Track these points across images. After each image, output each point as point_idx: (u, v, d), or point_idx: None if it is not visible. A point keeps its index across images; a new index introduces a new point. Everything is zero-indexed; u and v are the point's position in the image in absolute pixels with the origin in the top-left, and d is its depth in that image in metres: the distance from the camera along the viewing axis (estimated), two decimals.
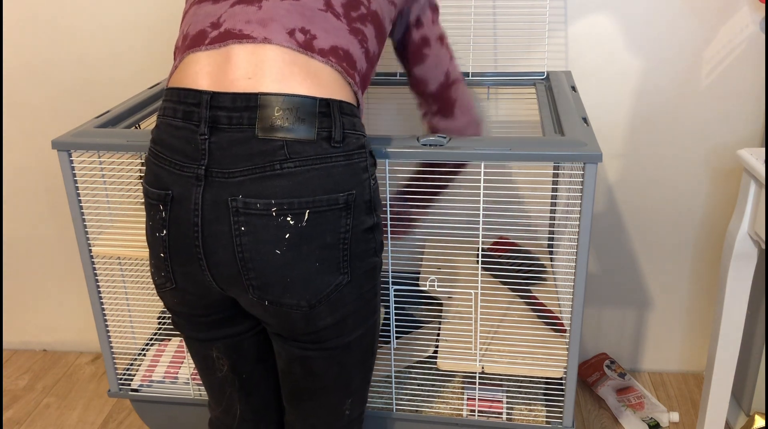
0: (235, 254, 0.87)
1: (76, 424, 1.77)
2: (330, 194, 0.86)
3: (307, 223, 0.86)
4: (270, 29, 0.87)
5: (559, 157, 1.04)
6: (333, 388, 1.01)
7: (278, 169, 0.84)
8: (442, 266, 1.51)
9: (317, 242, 0.87)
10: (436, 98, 1.19)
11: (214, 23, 0.90)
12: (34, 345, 2.10)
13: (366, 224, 0.92)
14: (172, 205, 0.89)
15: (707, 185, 1.65)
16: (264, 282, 0.88)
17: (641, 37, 1.53)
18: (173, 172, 0.88)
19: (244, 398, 1.10)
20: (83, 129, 1.21)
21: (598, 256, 1.76)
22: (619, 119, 1.61)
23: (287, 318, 0.92)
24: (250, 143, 0.84)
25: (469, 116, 1.22)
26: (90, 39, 1.68)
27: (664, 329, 1.82)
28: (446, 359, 1.26)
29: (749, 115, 1.57)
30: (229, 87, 0.86)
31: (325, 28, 0.90)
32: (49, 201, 1.88)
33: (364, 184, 0.90)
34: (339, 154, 0.87)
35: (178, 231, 0.89)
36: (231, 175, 0.85)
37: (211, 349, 1.04)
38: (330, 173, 0.86)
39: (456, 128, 1.21)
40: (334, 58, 0.89)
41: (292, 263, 0.87)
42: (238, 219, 0.85)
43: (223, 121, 0.85)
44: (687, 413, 1.71)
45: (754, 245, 1.29)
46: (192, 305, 0.98)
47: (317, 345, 0.95)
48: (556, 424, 1.27)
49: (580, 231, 1.07)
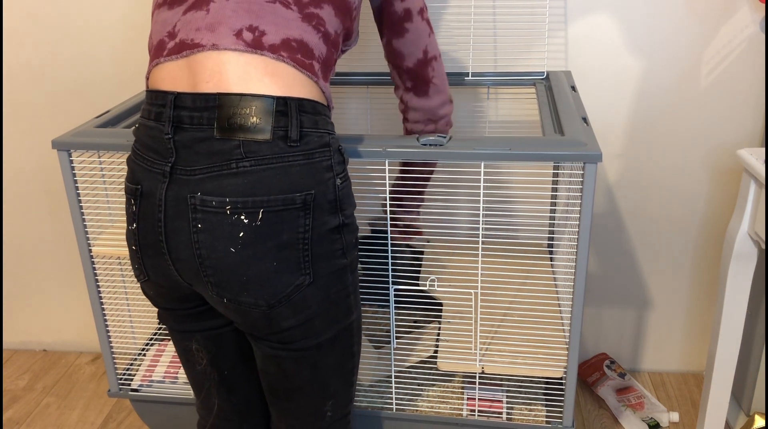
0: (193, 251, 0.88)
1: (76, 424, 1.77)
2: (286, 194, 0.86)
3: (262, 222, 0.86)
4: (218, 34, 0.88)
5: (559, 157, 1.04)
6: (309, 389, 1.00)
7: (234, 168, 0.85)
8: (442, 266, 1.51)
9: (273, 242, 0.87)
10: (411, 75, 1.17)
11: (170, 33, 0.92)
12: (34, 345, 2.10)
13: (330, 224, 0.91)
14: (141, 199, 0.91)
15: (707, 185, 1.65)
16: (221, 279, 0.89)
17: (641, 37, 1.53)
18: (145, 167, 0.91)
19: (225, 396, 1.10)
20: (83, 129, 1.21)
21: (598, 256, 1.76)
22: (619, 119, 1.61)
23: (248, 316, 0.92)
24: (210, 142, 0.86)
25: (443, 96, 1.21)
26: (90, 39, 1.68)
27: (664, 329, 1.82)
28: (446, 359, 1.26)
29: (749, 115, 1.58)
30: (193, 88, 0.88)
31: (275, 21, 0.89)
32: (49, 201, 1.88)
33: (326, 183, 0.89)
34: (297, 153, 0.87)
35: (146, 225, 0.92)
36: (192, 172, 0.87)
37: (190, 341, 1.05)
38: (287, 172, 0.86)
39: (429, 107, 1.20)
40: (285, 52, 0.88)
41: (248, 262, 0.87)
42: (196, 216, 0.87)
43: (186, 121, 0.87)
44: (687, 413, 1.71)
45: (754, 245, 1.29)
46: (167, 297, 1.00)
47: (285, 345, 0.95)
48: (556, 424, 1.27)
49: (580, 231, 1.07)
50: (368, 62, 1.60)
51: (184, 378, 1.42)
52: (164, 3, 0.95)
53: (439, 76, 1.18)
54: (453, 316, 1.37)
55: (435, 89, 1.18)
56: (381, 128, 1.67)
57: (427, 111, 1.20)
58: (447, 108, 1.22)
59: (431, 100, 1.19)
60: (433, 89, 1.18)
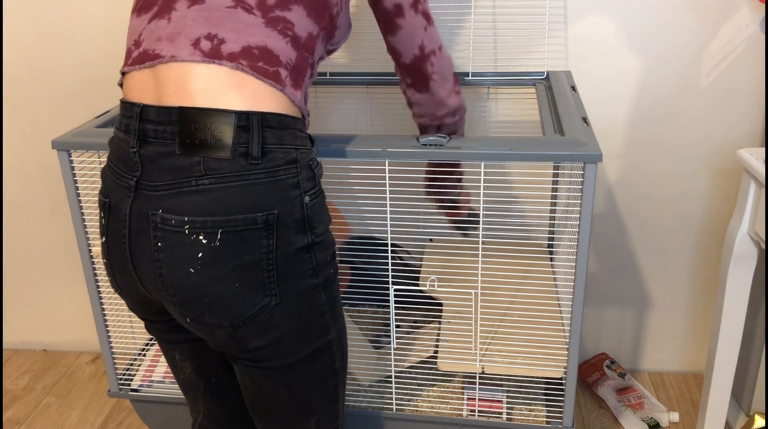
0: (155, 269, 0.86)
1: (76, 424, 1.77)
2: (246, 214, 0.82)
3: (221, 243, 0.83)
4: (176, 44, 0.84)
5: (559, 157, 1.04)
6: (287, 407, 0.97)
7: (194, 185, 0.82)
8: (442, 266, 1.51)
9: (234, 263, 0.84)
10: (409, 72, 1.13)
11: (136, 41, 0.89)
12: (34, 345, 2.10)
13: (297, 244, 0.86)
14: (109, 213, 0.89)
15: (707, 185, 1.65)
16: (182, 299, 0.86)
17: (641, 37, 1.53)
18: (114, 180, 0.88)
19: (214, 401, 1.08)
20: (83, 129, 1.21)
21: (598, 256, 1.76)
22: (619, 119, 1.61)
23: (213, 336, 0.90)
24: (172, 157, 0.83)
25: (446, 89, 1.16)
26: (90, 39, 1.68)
27: (664, 329, 1.82)
28: (446, 359, 1.26)
29: (749, 115, 1.57)
30: (158, 101, 0.85)
31: (235, 28, 0.84)
32: (49, 201, 1.88)
33: (292, 201, 0.85)
34: (259, 171, 0.83)
35: (113, 239, 0.89)
36: (155, 188, 0.84)
37: (174, 351, 1.04)
38: (248, 191, 0.82)
39: (433, 102, 1.16)
40: (246, 60, 0.83)
41: (208, 283, 0.84)
42: (156, 234, 0.84)
43: (151, 134, 0.84)
44: (687, 413, 1.71)
45: (754, 245, 1.29)
46: (142, 310, 0.98)
47: (257, 364, 0.92)
48: (556, 424, 1.27)
49: (580, 231, 1.07)
50: (368, 62, 1.60)
51: None
52: (135, 9, 0.92)
53: (439, 71, 1.13)
54: (453, 316, 1.37)
55: (436, 85, 1.15)
56: (381, 128, 1.67)
57: (430, 105, 1.17)
58: (451, 101, 1.18)
59: (434, 95, 1.16)
60: (434, 85, 1.14)
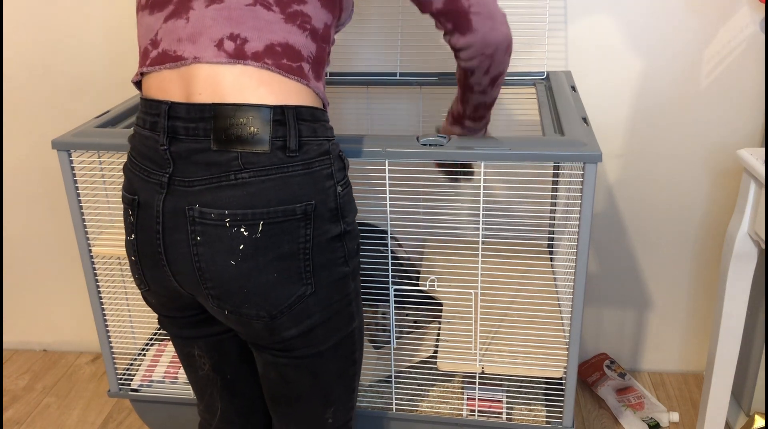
0: (193, 264, 0.87)
1: (76, 424, 1.77)
2: (286, 205, 0.84)
3: (262, 234, 0.85)
4: (199, 45, 0.85)
5: (559, 157, 1.04)
6: (310, 396, 0.99)
7: (233, 179, 0.84)
8: (442, 266, 1.51)
9: (274, 253, 0.86)
10: (446, 15, 1.01)
11: (153, 41, 0.89)
12: (34, 345, 2.10)
13: (331, 233, 0.89)
14: (139, 210, 0.90)
15: (707, 185, 1.65)
16: (222, 292, 0.87)
17: (641, 37, 1.53)
18: (142, 177, 0.89)
19: (228, 399, 1.09)
20: (83, 129, 1.21)
21: (598, 256, 1.76)
22: (619, 119, 1.61)
23: (249, 327, 0.91)
24: (207, 153, 0.84)
25: (492, 19, 1.01)
26: (90, 39, 1.68)
27: (664, 329, 1.82)
28: (446, 359, 1.26)
29: (749, 115, 1.57)
30: (187, 99, 0.85)
31: (256, 26, 0.85)
32: (49, 201, 1.88)
33: (327, 191, 0.87)
34: (296, 163, 0.85)
35: (144, 236, 0.90)
36: (190, 184, 0.85)
37: (193, 348, 1.04)
38: (287, 183, 0.84)
39: (479, 40, 1.02)
40: (270, 58, 0.84)
41: (249, 274, 0.86)
42: (195, 228, 0.85)
43: (181, 132, 0.85)
44: (687, 413, 1.71)
45: (754, 245, 1.29)
46: (168, 306, 0.99)
47: (286, 354, 0.94)
48: (556, 424, 1.27)
49: (580, 231, 1.07)
50: (368, 62, 1.60)
51: (184, 378, 1.42)
52: (146, 6, 0.91)
53: (477, 3, 0.99)
54: (453, 316, 1.37)
55: (478, 17, 1.00)
56: (381, 128, 1.67)
57: (479, 44, 1.03)
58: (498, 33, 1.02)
59: (479, 31, 1.01)
60: (476, 17, 1.00)
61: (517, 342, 1.28)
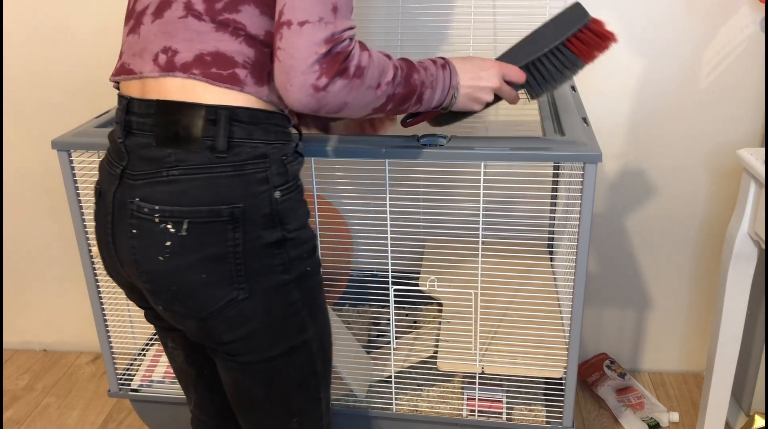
0: (131, 256, 0.88)
1: (76, 424, 1.77)
2: (212, 206, 0.84)
3: (188, 233, 0.85)
4: (144, 60, 0.88)
5: (559, 157, 1.04)
6: (267, 405, 0.98)
7: (164, 176, 0.85)
8: (442, 266, 1.51)
9: (201, 253, 0.85)
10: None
11: (120, 53, 0.94)
12: (34, 345, 2.10)
13: (266, 239, 0.87)
14: (99, 200, 0.93)
15: (707, 185, 1.65)
16: (155, 287, 0.88)
17: (641, 37, 1.53)
18: (107, 169, 0.92)
19: (208, 394, 1.10)
20: (83, 129, 1.21)
21: (598, 256, 1.76)
22: (619, 119, 1.61)
23: (185, 326, 0.91)
24: (150, 148, 0.86)
25: (287, 75, 0.80)
26: (90, 39, 1.68)
27: (664, 329, 1.82)
28: (446, 360, 1.26)
29: (749, 115, 1.57)
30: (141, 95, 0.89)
31: (187, 37, 0.86)
32: (49, 201, 1.88)
33: (260, 196, 0.86)
34: (225, 165, 0.85)
35: (99, 226, 0.93)
36: (135, 177, 0.87)
37: (167, 339, 1.06)
38: (214, 184, 0.85)
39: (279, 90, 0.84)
40: (198, 68, 0.84)
41: (176, 272, 0.86)
42: (132, 221, 0.87)
43: (134, 126, 0.88)
44: (687, 413, 1.71)
45: (754, 245, 1.29)
46: (131, 297, 1.00)
47: (233, 358, 0.93)
48: (556, 424, 1.27)
49: (580, 231, 1.07)
50: None
51: None
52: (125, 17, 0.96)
53: (285, 47, 0.80)
54: (453, 316, 1.37)
55: (278, 66, 0.81)
56: None
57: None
58: (289, 96, 0.82)
59: (275, 81, 0.83)
60: (277, 66, 0.82)
61: (517, 342, 1.28)
